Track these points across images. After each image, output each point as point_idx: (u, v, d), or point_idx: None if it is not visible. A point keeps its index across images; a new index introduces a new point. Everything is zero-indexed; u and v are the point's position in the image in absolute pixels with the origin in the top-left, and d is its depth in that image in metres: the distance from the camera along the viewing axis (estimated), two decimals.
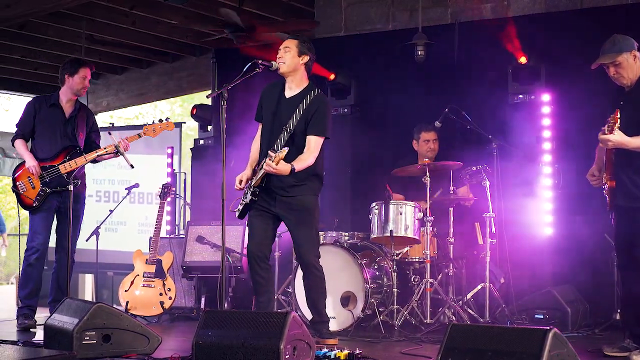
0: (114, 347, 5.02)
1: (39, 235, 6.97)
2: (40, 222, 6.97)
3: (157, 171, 10.66)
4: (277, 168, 5.50)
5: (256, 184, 5.76)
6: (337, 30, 9.44)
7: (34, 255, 6.95)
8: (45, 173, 6.86)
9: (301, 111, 5.80)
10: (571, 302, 6.91)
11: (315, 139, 5.78)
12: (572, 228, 7.52)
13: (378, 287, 6.88)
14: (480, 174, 6.90)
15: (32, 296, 7.00)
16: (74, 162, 6.87)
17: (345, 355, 4.94)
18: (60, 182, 6.86)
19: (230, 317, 4.66)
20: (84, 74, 7.04)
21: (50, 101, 7.09)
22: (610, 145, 5.18)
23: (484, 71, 8.11)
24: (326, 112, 5.87)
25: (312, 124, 5.78)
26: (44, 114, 7.05)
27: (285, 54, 5.85)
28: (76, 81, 7.03)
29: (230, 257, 7.72)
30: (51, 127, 7.01)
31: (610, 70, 5.37)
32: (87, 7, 9.13)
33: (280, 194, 5.80)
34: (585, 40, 7.28)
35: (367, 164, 8.55)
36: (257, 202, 5.84)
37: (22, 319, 6.88)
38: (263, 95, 6.10)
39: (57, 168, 6.86)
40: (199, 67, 11.38)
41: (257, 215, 5.88)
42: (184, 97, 18.80)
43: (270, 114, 5.93)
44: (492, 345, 3.83)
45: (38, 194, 6.86)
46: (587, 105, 7.19)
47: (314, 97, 5.86)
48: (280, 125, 5.82)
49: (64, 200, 6.93)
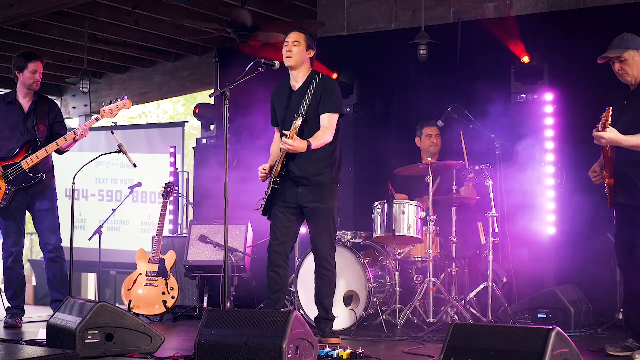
0: (116, 346, 5.02)
1: (10, 238, 6.95)
2: (9, 225, 6.93)
3: (160, 170, 10.66)
4: (293, 145, 5.53)
5: (276, 172, 5.81)
6: (340, 30, 9.43)
7: (10, 259, 6.95)
8: (9, 172, 6.78)
9: (310, 96, 5.84)
10: (574, 302, 6.90)
11: (328, 116, 5.82)
12: (575, 227, 7.52)
13: (381, 287, 6.88)
14: (483, 173, 6.90)
15: (16, 297, 7.00)
16: (35, 156, 6.76)
17: (348, 355, 4.94)
18: (24, 178, 6.79)
19: (233, 317, 4.65)
20: (33, 67, 6.91)
21: (7, 99, 7.04)
22: (604, 143, 5.21)
23: (487, 71, 8.10)
24: (335, 89, 5.92)
25: (323, 102, 5.82)
26: (2, 112, 6.98)
27: (294, 48, 5.87)
28: (26, 76, 6.92)
29: (233, 256, 7.72)
30: (10, 124, 6.94)
31: (616, 66, 5.40)
32: (90, 6, 9.14)
33: (303, 183, 5.84)
34: (589, 40, 7.29)
35: (370, 163, 8.54)
36: (280, 197, 5.87)
37: (7, 318, 6.90)
38: (273, 99, 6.15)
39: (20, 164, 6.77)
40: (201, 66, 11.38)
41: (280, 212, 5.93)
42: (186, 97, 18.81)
43: (283, 111, 5.97)
44: (495, 344, 3.83)
45: (5, 193, 6.77)
46: (590, 104, 7.17)
47: (319, 80, 5.91)
48: (293, 115, 5.83)
49: (32, 197, 6.91)
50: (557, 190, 7.63)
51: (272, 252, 5.92)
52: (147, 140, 11.34)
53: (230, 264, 7.58)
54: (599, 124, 5.11)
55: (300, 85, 5.95)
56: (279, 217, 5.94)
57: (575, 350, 3.83)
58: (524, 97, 7.77)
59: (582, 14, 7.98)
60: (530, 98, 7.75)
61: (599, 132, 5.12)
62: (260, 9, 9.41)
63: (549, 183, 7.66)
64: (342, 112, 5.93)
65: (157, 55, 11.57)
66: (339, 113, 5.89)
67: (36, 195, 6.91)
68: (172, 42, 10.90)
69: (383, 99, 8.75)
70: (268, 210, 6.01)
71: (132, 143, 10.67)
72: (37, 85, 7.00)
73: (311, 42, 5.95)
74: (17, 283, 7.00)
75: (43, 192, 6.89)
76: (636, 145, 5.20)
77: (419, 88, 8.21)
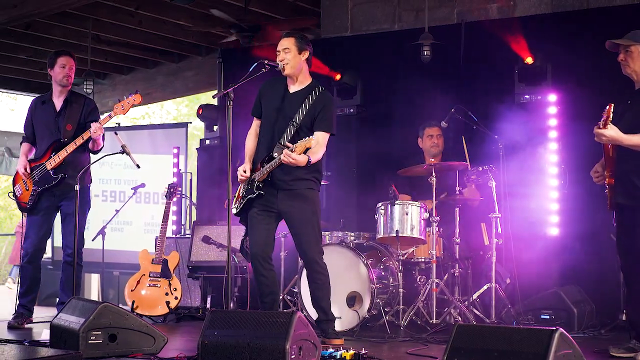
0: (120, 347, 5.02)
1: (29, 238, 6.94)
2: (32, 225, 6.94)
3: (163, 171, 10.68)
4: (296, 158, 5.49)
5: (262, 178, 5.77)
6: (343, 31, 9.44)
7: (25, 258, 6.94)
8: (35, 172, 6.83)
9: (307, 106, 5.81)
10: (577, 303, 6.89)
11: (323, 134, 5.79)
12: (578, 228, 7.52)
13: (384, 288, 6.88)
14: (487, 174, 6.90)
15: (25, 296, 6.98)
16: (57, 156, 6.78)
17: (351, 356, 4.93)
18: (47, 179, 6.81)
19: (236, 317, 4.65)
20: (62, 62, 6.93)
21: (42, 99, 7.08)
22: (605, 140, 5.21)
23: (490, 71, 8.10)
24: (332, 109, 5.92)
25: (320, 120, 5.80)
26: (39, 113, 7.03)
27: (286, 55, 5.83)
28: (57, 71, 6.95)
29: (236, 257, 7.71)
30: (44, 125, 6.97)
31: (620, 55, 5.46)
32: (93, 7, 9.17)
33: (283, 187, 5.78)
34: (592, 41, 7.26)
35: (373, 164, 8.54)
36: (258, 200, 5.83)
37: (12, 318, 6.88)
38: (263, 91, 6.07)
39: (44, 165, 6.81)
40: (205, 67, 11.40)
41: (259, 214, 5.85)
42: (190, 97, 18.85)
43: (274, 110, 5.92)
44: (498, 345, 3.82)
45: (31, 194, 6.83)
46: (594, 105, 7.14)
47: (319, 93, 5.88)
48: (286, 120, 5.82)
49: (59, 198, 6.91)
50: (561, 191, 7.62)
51: (255, 258, 5.82)
52: (151, 140, 11.36)
53: (233, 264, 7.59)
54: (600, 121, 5.12)
55: (297, 89, 5.92)
56: (257, 219, 5.85)
57: (578, 351, 3.83)
58: (527, 97, 7.77)
59: (586, 15, 7.99)
60: (533, 99, 7.75)
61: (600, 129, 5.13)
62: (263, 9, 9.42)
63: (552, 184, 7.66)
64: (334, 133, 5.91)
65: (160, 56, 11.59)
66: (331, 133, 5.87)
67: (63, 196, 6.88)
68: (175, 43, 10.92)
69: (386, 99, 8.74)
70: (243, 212, 5.96)
71: (136, 144, 10.69)
72: (68, 80, 6.98)
73: (302, 43, 5.86)
74: (30, 282, 6.97)
75: (69, 193, 6.82)
76: (637, 144, 5.20)
77: (422, 89, 8.20)
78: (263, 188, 5.78)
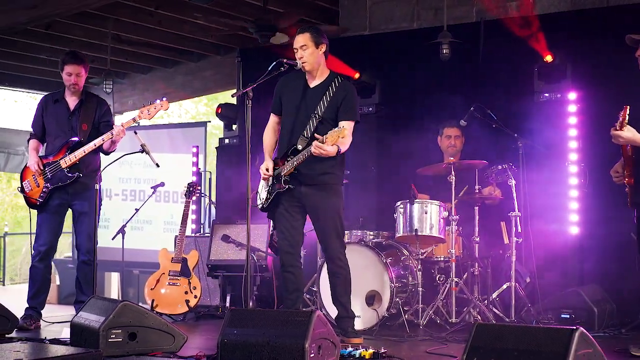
0: (139, 345, 5.04)
1: (41, 236, 6.87)
2: (43, 223, 6.88)
3: (183, 170, 10.71)
4: (327, 149, 5.49)
5: (289, 172, 5.78)
6: (362, 29, 9.43)
7: (36, 257, 6.85)
8: (48, 169, 6.77)
9: (329, 98, 5.81)
10: (598, 302, 6.85)
11: (349, 123, 5.78)
12: (598, 227, 7.47)
13: (403, 286, 6.87)
14: (506, 172, 6.89)
15: (35, 297, 6.88)
16: (74, 155, 6.72)
17: (370, 354, 4.94)
18: (61, 177, 6.76)
19: (256, 316, 4.66)
20: (69, 70, 6.84)
21: (55, 97, 7.03)
22: (622, 142, 5.20)
23: (510, 70, 8.07)
24: (355, 98, 5.92)
25: (344, 109, 5.81)
26: (50, 110, 6.98)
27: (304, 52, 5.82)
28: (64, 78, 6.89)
29: (255, 255, 7.73)
30: (56, 123, 6.93)
31: (638, 51, 5.42)
32: (113, 7, 9.19)
33: (308, 182, 5.80)
34: (612, 39, 7.22)
35: (392, 162, 8.52)
36: (284, 195, 5.84)
37: (22, 320, 6.63)
38: (281, 87, 6.07)
39: (58, 163, 6.75)
40: (223, 66, 11.41)
41: (287, 209, 5.89)
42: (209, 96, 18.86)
43: (294, 107, 5.92)
44: (518, 344, 3.81)
45: (42, 191, 6.76)
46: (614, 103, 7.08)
47: (339, 83, 5.88)
48: (308, 114, 5.82)
49: (72, 197, 6.88)
50: (581, 190, 7.58)
51: (285, 253, 5.89)
52: (170, 140, 11.40)
53: (252, 263, 7.59)
54: (617, 123, 5.09)
55: (317, 83, 5.92)
56: (285, 216, 5.89)
57: (599, 351, 3.81)
58: (547, 96, 7.73)
59: (605, 12, 7.94)
60: (553, 97, 7.71)
61: (617, 130, 5.10)
62: (282, 8, 9.42)
63: (572, 182, 7.62)
64: (359, 120, 5.93)
65: (179, 55, 11.62)
66: (356, 120, 5.89)
67: (76, 195, 6.86)
68: (195, 42, 10.94)
69: (405, 98, 8.74)
70: (271, 207, 5.97)
71: (155, 143, 10.70)
72: (76, 87, 6.90)
73: (318, 37, 5.84)
74: (40, 283, 6.88)
75: (83, 192, 6.82)
76: None
77: (441, 87, 8.19)
78: (291, 182, 5.81)
